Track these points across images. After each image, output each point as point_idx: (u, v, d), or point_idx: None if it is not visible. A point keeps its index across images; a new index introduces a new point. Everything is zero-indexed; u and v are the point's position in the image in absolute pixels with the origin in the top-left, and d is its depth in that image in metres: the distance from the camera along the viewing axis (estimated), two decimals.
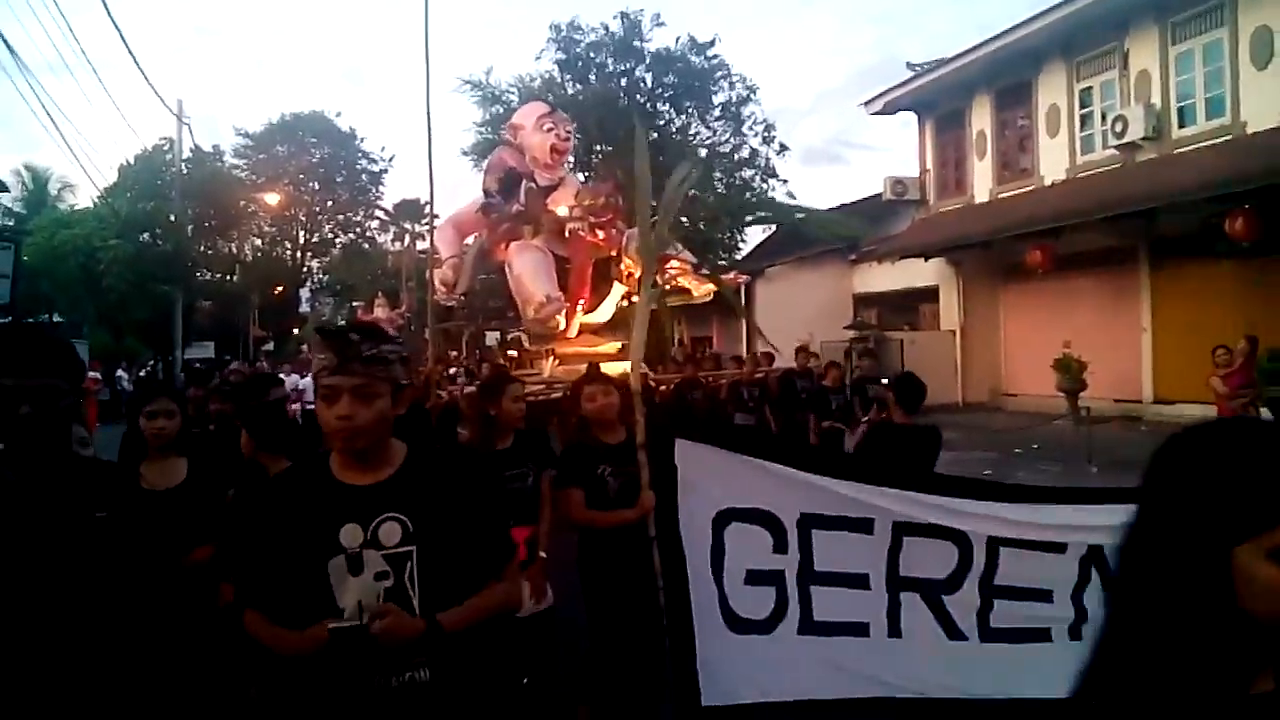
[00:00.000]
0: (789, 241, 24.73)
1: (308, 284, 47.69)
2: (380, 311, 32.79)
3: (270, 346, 39.12)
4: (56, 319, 33.44)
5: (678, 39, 28.46)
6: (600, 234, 12.21)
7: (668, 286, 11.38)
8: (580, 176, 14.78)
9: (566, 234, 12.45)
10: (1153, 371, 15.76)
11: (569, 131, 13.14)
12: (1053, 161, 17.95)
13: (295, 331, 46.23)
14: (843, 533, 3.44)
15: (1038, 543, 3.40)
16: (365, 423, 2.18)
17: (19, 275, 12.70)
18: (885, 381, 10.53)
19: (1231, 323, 12.49)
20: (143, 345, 33.27)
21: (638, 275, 12.13)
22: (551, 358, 12.15)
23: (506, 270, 13.20)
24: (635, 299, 12.63)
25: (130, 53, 33.44)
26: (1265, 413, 10.84)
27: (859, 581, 3.43)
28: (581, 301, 12.69)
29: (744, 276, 13.30)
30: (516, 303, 13.33)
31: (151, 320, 30.45)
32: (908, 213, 21.81)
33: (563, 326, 12.11)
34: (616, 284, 13.07)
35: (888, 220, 22.34)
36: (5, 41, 11.45)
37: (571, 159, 13.97)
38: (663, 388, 11.01)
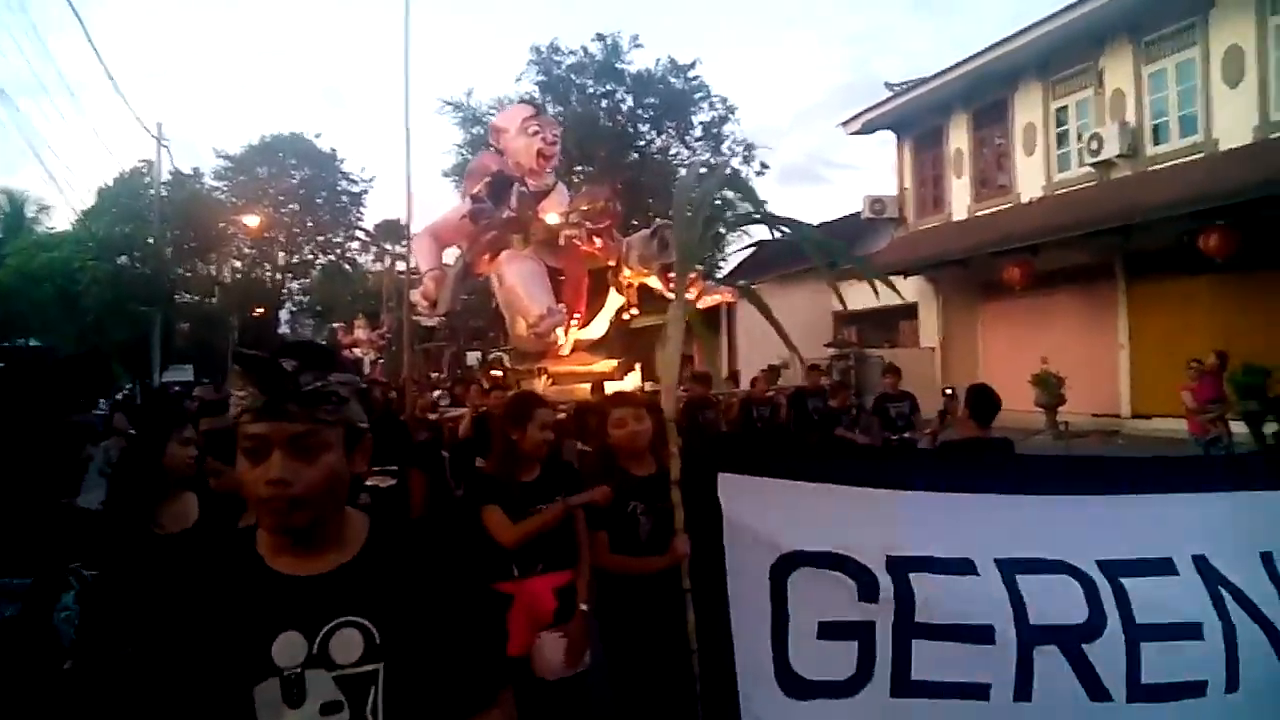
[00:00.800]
0: (770, 259, 24.81)
1: (288, 305, 47.55)
2: (361, 332, 32.80)
3: None
4: (33, 342, 33.19)
5: (658, 60, 28.72)
6: (597, 242, 11.62)
7: (672, 294, 11.02)
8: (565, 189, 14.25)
9: (561, 242, 11.67)
10: (1130, 386, 15.86)
11: (556, 135, 12.29)
12: (1029, 179, 18.10)
13: None
14: (946, 576, 2.83)
15: (1149, 561, 2.83)
16: (308, 488, 1.52)
17: None
18: (950, 391, 10.26)
19: (1208, 338, 12.60)
20: (120, 369, 33.01)
21: (637, 286, 11.72)
22: (544, 377, 11.44)
23: (495, 283, 12.62)
24: (635, 312, 12.13)
25: (109, 75, 33.48)
26: (1241, 427, 10.96)
27: (979, 634, 2.76)
28: (576, 316, 11.99)
29: (729, 295, 12.97)
30: (505, 318, 12.69)
31: (129, 343, 30.25)
32: (887, 231, 21.93)
33: (560, 341, 11.51)
34: (611, 297, 12.33)
35: (867, 238, 22.44)
36: None
37: (556, 163, 13.29)
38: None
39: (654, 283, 11.69)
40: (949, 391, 10.13)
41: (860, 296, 19.84)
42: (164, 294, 30.38)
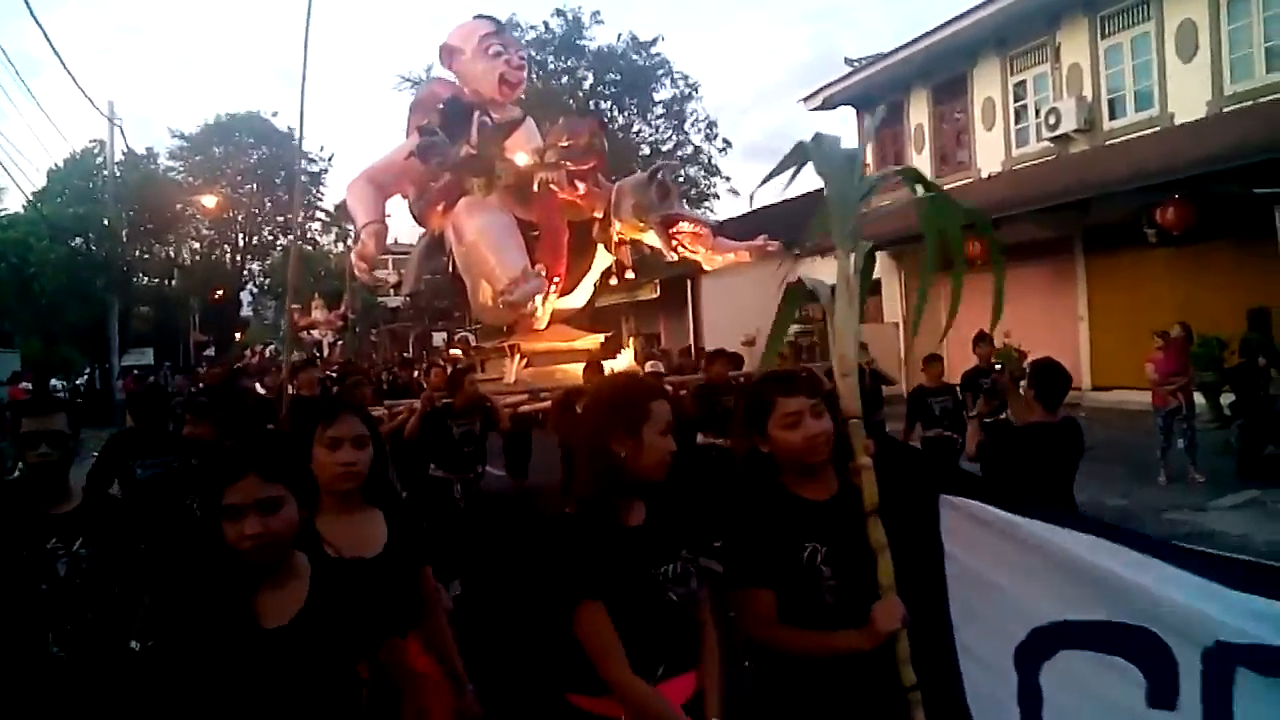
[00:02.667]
0: (732, 235, 24.86)
1: (249, 287, 47.01)
2: (318, 314, 32.54)
3: (211, 352, 38.46)
4: None
5: (619, 36, 28.57)
6: (580, 187, 9.58)
7: (673, 254, 9.50)
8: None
9: (535, 188, 9.47)
10: (1090, 359, 16.09)
11: (522, 59, 10.26)
12: (989, 154, 18.25)
13: (238, 336, 45.54)
14: None
15: None
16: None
17: None
18: (999, 366, 9.08)
19: (1165, 310, 12.78)
20: (77, 353, 32.51)
21: (629, 243, 9.61)
22: (516, 357, 9.55)
23: (450, 240, 9.97)
24: (630, 275, 9.98)
25: (56, 53, 32.67)
26: (1199, 398, 11.14)
27: None
28: (555, 281, 9.79)
29: (774, 243, 10.25)
30: (464, 285, 9.99)
31: (87, 327, 29.74)
32: None
33: (539, 313, 9.44)
34: (598, 257, 10.27)
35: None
36: None
37: (522, 91, 10.91)
38: (682, 392, 8.45)
39: (651, 239, 9.76)
40: (998, 366, 8.87)
41: (825, 272, 19.61)
42: (120, 276, 29.86)
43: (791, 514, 2.41)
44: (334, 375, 12.31)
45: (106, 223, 29.94)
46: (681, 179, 27.62)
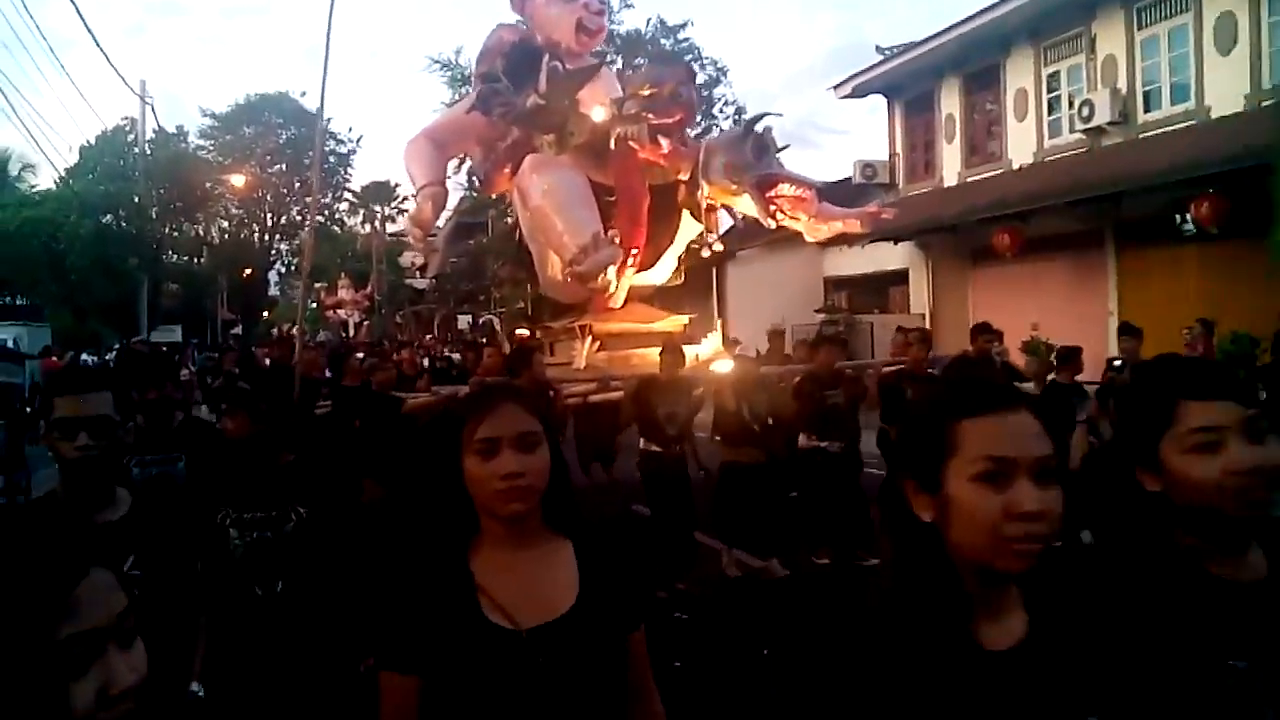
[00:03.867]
0: (759, 225, 24.81)
1: (276, 267, 47.34)
2: (345, 293, 32.78)
3: (239, 330, 38.80)
4: (18, 301, 33.01)
5: (648, 21, 28.44)
6: (664, 144, 8.18)
7: (771, 220, 8.16)
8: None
9: (612, 145, 8.26)
10: (1119, 354, 15.92)
11: (603, 3, 9.11)
12: (1020, 145, 18.06)
13: (265, 314, 45.89)
14: None
15: None
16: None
17: None
18: (1119, 363, 7.92)
19: (1197, 306, 12.61)
20: (106, 328, 32.88)
21: (718, 208, 8.31)
22: (588, 339, 8.53)
23: (516, 204, 9.08)
24: (717, 247, 8.94)
25: (89, 30, 32.91)
26: None
27: None
28: (634, 252, 8.50)
29: (889, 209, 8.84)
30: (531, 254, 8.95)
31: (116, 303, 30.09)
32: (877, 196, 21.84)
33: (613, 288, 8.07)
34: (684, 225, 8.93)
35: (857, 203, 22.35)
36: None
37: (602, 40, 9.66)
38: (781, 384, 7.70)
39: (745, 205, 8.36)
40: (1118, 363, 7.70)
41: (851, 262, 19.29)
42: (150, 253, 30.17)
43: (1212, 612, 1.41)
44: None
45: (137, 200, 30.25)
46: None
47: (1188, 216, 13.04)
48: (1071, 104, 16.77)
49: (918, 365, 7.62)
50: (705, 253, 9.35)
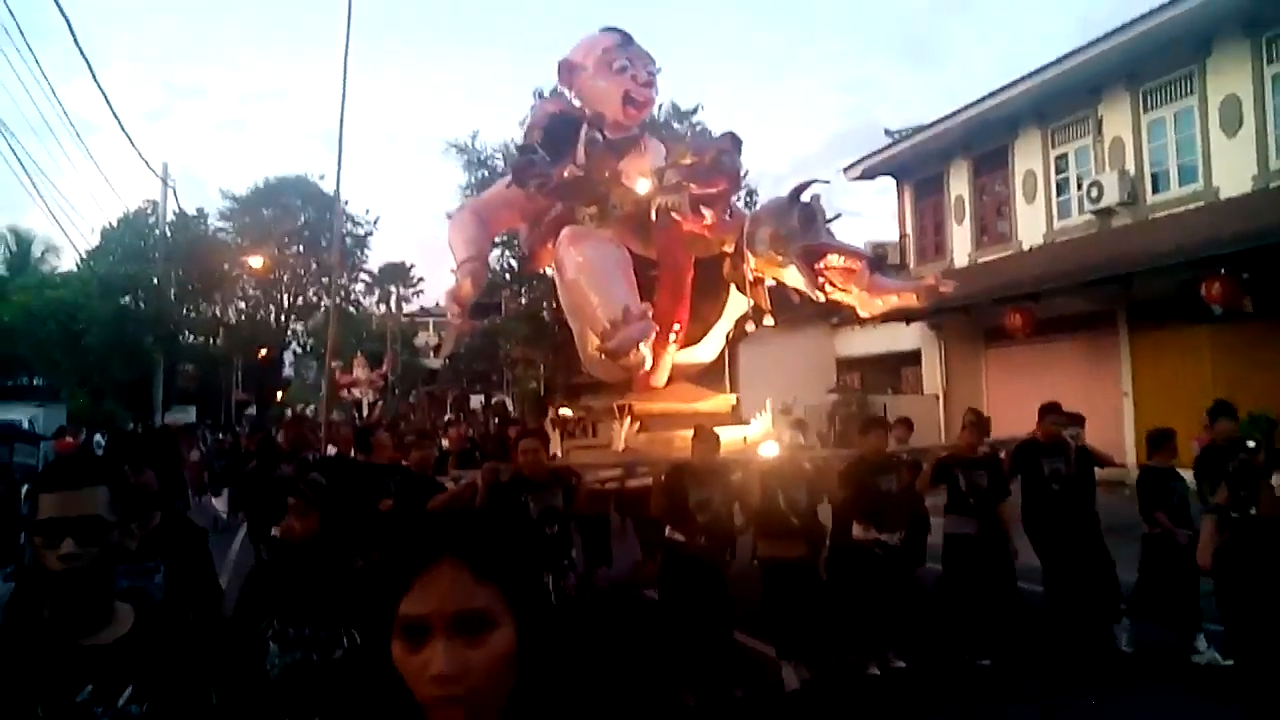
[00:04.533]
0: (771, 304, 24.87)
1: (291, 347, 47.67)
2: (360, 372, 32.88)
3: (253, 410, 38.90)
4: (35, 382, 33.22)
5: (660, 105, 28.87)
6: (707, 215, 7.75)
7: (819, 294, 7.63)
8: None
9: (653, 217, 7.92)
10: (1135, 436, 15.77)
11: (651, 74, 8.55)
12: (1030, 226, 18.17)
13: (279, 395, 46.07)
14: None
15: None
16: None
17: None
18: (1252, 445, 7.15)
19: (1212, 387, 12.55)
20: (122, 409, 33.00)
21: (770, 282, 7.81)
22: (627, 420, 8.04)
23: (555, 278, 8.87)
24: (769, 322, 8.09)
25: (115, 116, 33.60)
26: None
27: None
28: (676, 329, 8.18)
29: (947, 282, 8.72)
30: (572, 330, 8.49)
31: (132, 383, 30.23)
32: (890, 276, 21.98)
33: (648, 365, 7.55)
34: (731, 300, 8.50)
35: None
36: None
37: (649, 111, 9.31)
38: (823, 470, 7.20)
39: (793, 277, 7.81)
40: (1252, 444, 7.13)
41: (864, 342, 19.23)
42: (167, 334, 30.40)
43: None
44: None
45: (156, 281, 30.60)
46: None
47: (1200, 297, 13.01)
48: (1080, 185, 16.90)
49: (969, 449, 7.43)
50: (751, 327, 8.62)
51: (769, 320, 8.33)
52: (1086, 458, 7.55)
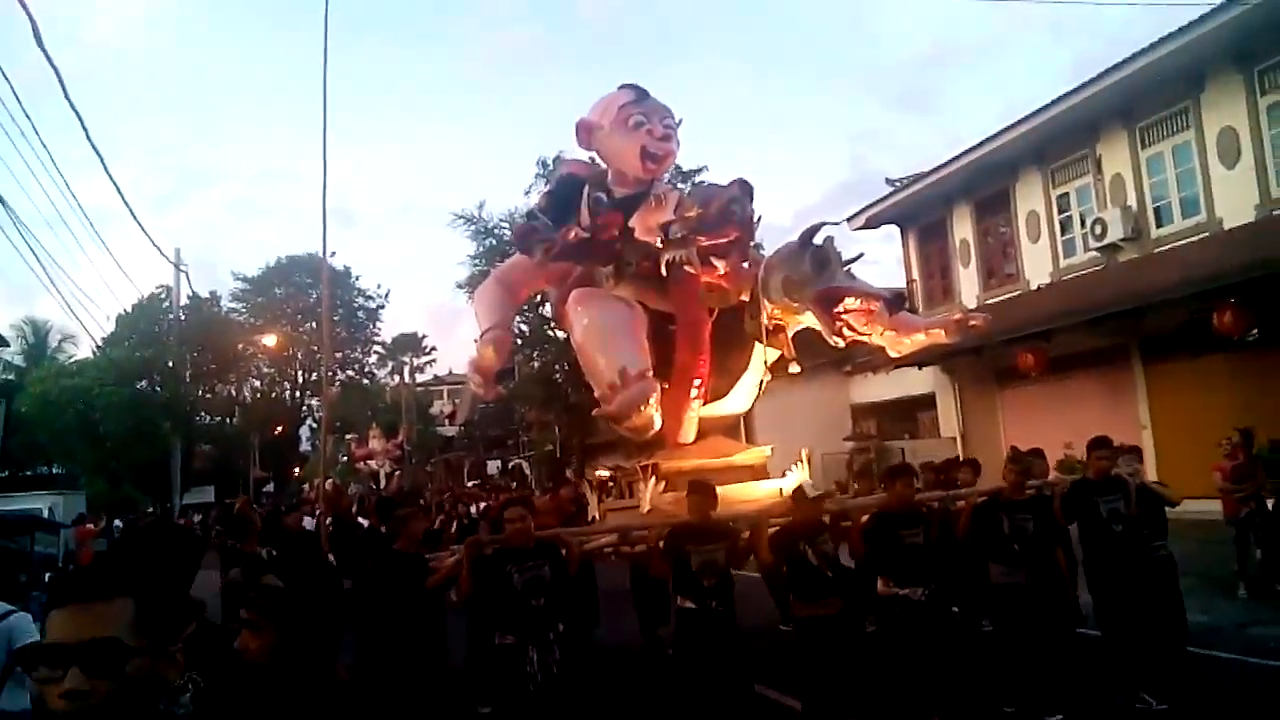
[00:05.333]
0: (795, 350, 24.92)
1: (307, 422, 47.84)
2: (375, 443, 32.95)
3: (271, 487, 38.94)
4: (54, 470, 33.42)
5: None
6: (718, 266, 7.60)
7: (839, 339, 7.36)
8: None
9: (664, 271, 7.74)
10: (1156, 468, 15.66)
11: (669, 127, 8.33)
12: (1036, 265, 18.25)
13: (296, 471, 46.14)
14: None
15: None
16: None
17: (11, 428, 12.32)
18: None
19: (1231, 415, 12.50)
20: (139, 493, 33.13)
21: (792, 328, 7.64)
22: (650, 479, 7.78)
23: (573, 340, 8.60)
24: (795, 369, 8.02)
25: (127, 205, 34.27)
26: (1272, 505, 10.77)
27: None
28: (697, 383, 7.93)
29: (976, 315, 8.40)
30: (594, 389, 8.04)
31: (150, 466, 30.39)
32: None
33: (656, 425, 7.28)
34: (757, 350, 8.15)
35: None
36: (1, 200, 11.64)
37: (670, 165, 9.16)
38: (845, 523, 6.77)
39: (812, 323, 7.59)
40: None
41: (878, 388, 19.23)
42: (183, 417, 30.62)
43: None
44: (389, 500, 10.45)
45: (171, 365, 30.90)
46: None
47: (1211, 327, 13.03)
48: (1084, 223, 17.01)
49: (1014, 490, 6.89)
50: (792, 369, 8.33)
51: (795, 368, 8.16)
52: (1148, 496, 6.99)
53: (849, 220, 22.91)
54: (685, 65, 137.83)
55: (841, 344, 7.55)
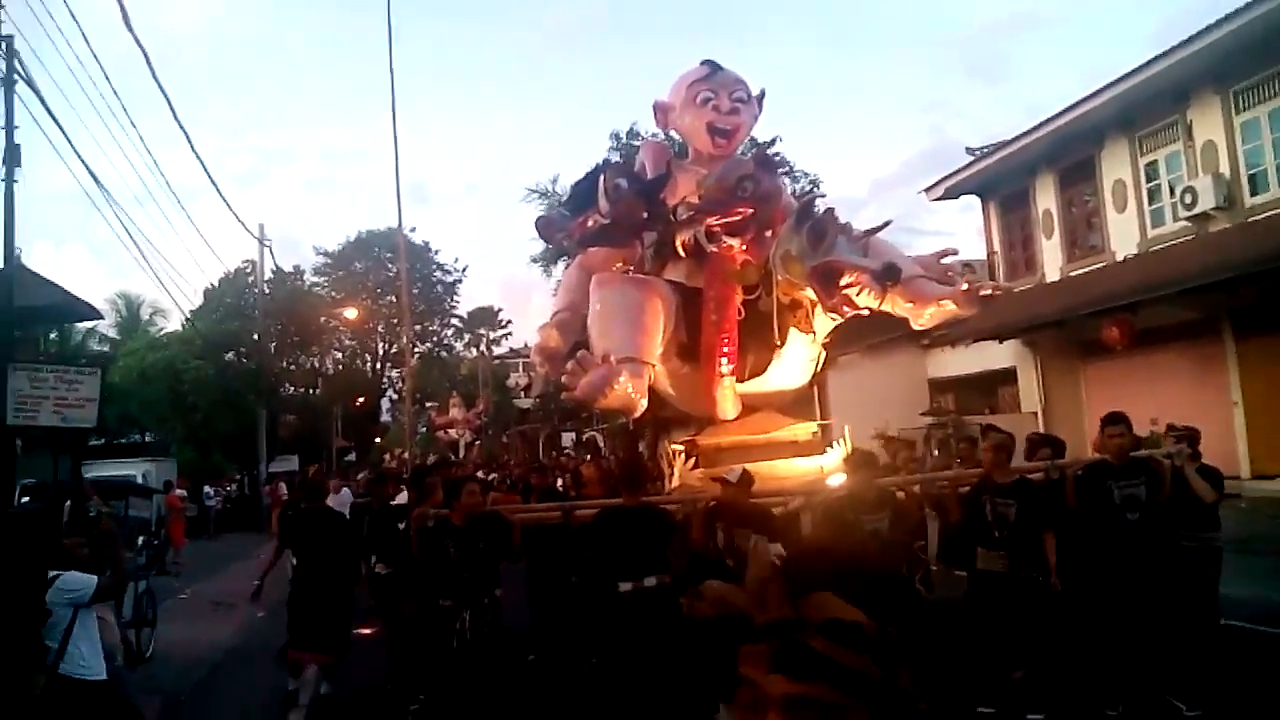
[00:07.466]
0: (859, 329, 24.65)
1: (388, 394, 48.82)
2: (456, 412, 33.47)
3: (353, 456, 39.87)
4: (146, 438, 34.64)
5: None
6: (730, 242, 7.42)
7: (837, 315, 7.27)
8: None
9: (681, 251, 7.84)
10: (1248, 446, 15.20)
11: (737, 101, 8.20)
12: (1123, 236, 17.74)
13: (378, 440, 47.13)
14: None
15: None
16: None
17: (106, 398, 12.77)
18: None
19: None
20: (228, 461, 34.18)
21: (808, 304, 7.40)
22: (680, 456, 7.94)
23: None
24: (818, 344, 7.76)
25: (213, 182, 35.16)
26: None
27: None
28: (724, 359, 7.76)
29: (988, 286, 8.11)
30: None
31: (237, 435, 31.35)
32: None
33: (639, 407, 7.05)
34: (818, 321, 7.87)
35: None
36: (95, 177, 12.04)
37: (743, 138, 9.04)
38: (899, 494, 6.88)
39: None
40: None
41: (956, 362, 18.98)
42: (268, 387, 31.48)
43: None
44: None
45: (256, 337, 31.75)
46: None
47: None
48: (1173, 192, 16.46)
49: (996, 471, 6.65)
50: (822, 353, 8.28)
51: (817, 337, 8.04)
52: (1181, 484, 6.48)
53: (927, 191, 22.55)
54: (756, 35, 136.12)
55: (836, 319, 7.47)
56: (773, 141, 28.78)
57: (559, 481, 12.12)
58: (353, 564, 7.63)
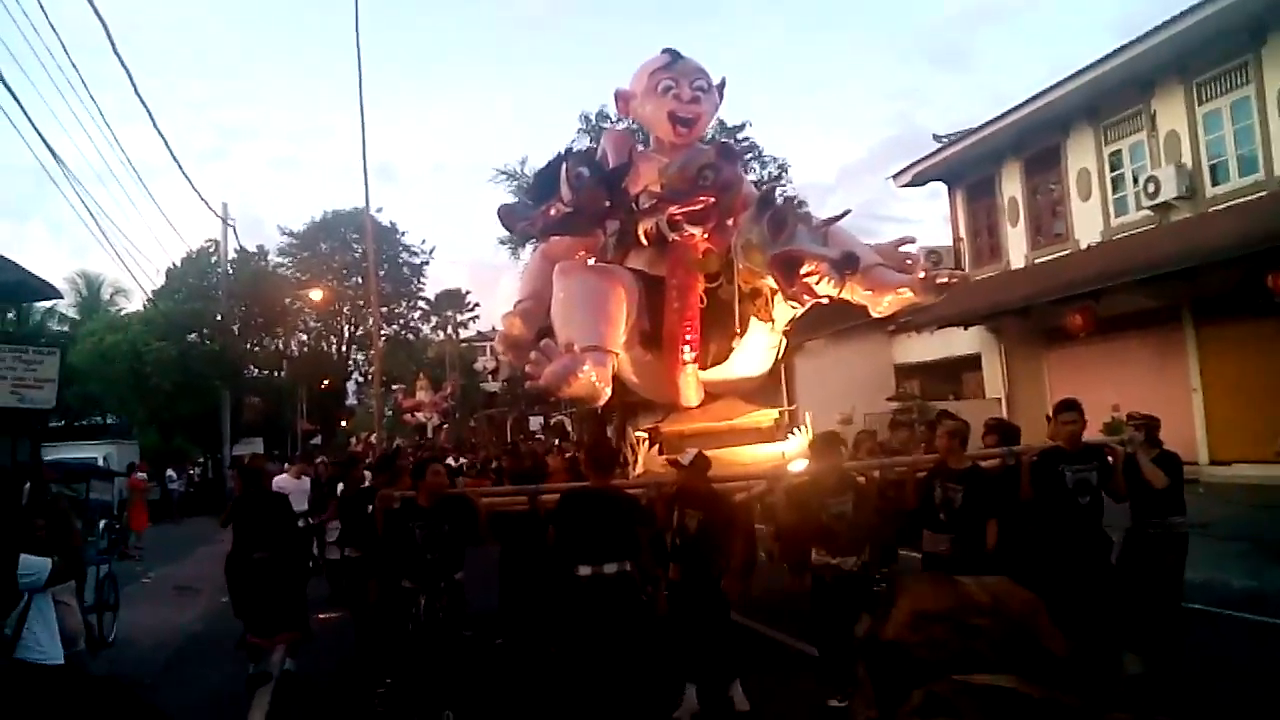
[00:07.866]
0: (826, 315, 24.72)
1: (353, 376, 48.43)
2: (423, 394, 33.27)
3: (318, 440, 39.59)
4: (108, 420, 34.16)
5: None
6: (692, 232, 7.50)
7: (796, 304, 7.28)
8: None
9: (643, 241, 7.91)
10: (1206, 432, 15.45)
11: (698, 90, 8.27)
12: (1087, 224, 17.92)
13: (343, 424, 46.80)
14: None
15: None
16: None
17: (66, 379, 12.53)
18: None
19: None
20: (191, 444, 33.81)
21: (768, 292, 7.43)
22: (644, 443, 8.02)
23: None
24: (779, 332, 7.84)
25: (175, 159, 34.60)
26: None
27: None
28: (686, 346, 7.82)
29: (945, 274, 8.12)
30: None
31: (199, 418, 30.97)
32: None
33: (603, 395, 7.11)
34: (778, 309, 7.88)
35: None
36: (54, 153, 11.82)
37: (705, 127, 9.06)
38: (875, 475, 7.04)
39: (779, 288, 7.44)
40: None
41: (922, 348, 19.15)
42: (232, 369, 31.11)
43: None
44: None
45: (220, 318, 31.35)
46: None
47: (1267, 289, 12.73)
48: (1136, 181, 16.64)
49: (951, 457, 6.70)
50: (782, 341, 8.38)
51: (740, 337, 8.04)
52: (1133, 469, 6.59)
53: (894, 177, 22.65)
54: (726, 19, 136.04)
55: (797, 310, 7.50)
56: (741, 127, 28.83)
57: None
58: (302, 546, 7.86)
